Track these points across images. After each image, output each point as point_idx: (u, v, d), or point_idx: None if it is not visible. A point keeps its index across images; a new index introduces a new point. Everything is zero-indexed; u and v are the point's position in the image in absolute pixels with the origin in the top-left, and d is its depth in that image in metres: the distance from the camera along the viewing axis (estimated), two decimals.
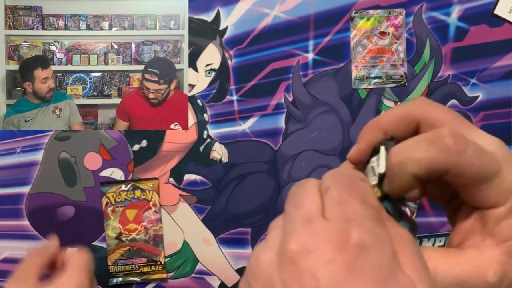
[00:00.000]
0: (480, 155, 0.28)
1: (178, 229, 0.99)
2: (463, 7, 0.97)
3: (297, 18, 0.98)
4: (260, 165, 0.99)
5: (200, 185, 0.99)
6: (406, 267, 0.25)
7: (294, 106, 0.99)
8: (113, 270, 0.98)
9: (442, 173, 0.28)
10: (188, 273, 0.99)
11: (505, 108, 0.99)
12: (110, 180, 0.99)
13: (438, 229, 0.97)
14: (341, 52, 0.98)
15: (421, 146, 0.28)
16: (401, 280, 0.24)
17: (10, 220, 0.99)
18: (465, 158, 0.28)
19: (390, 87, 0.98)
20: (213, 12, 0.98)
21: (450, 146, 0.28)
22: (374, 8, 0.98)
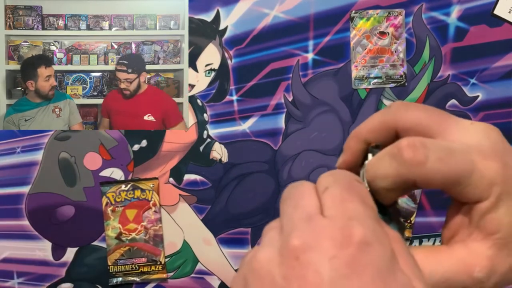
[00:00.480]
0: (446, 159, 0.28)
1: (178, 229, 0.99)
2: (463, 7, 0.97)
3: (297, 18, 0.98)
4: (260, 165, 0.99)
5: (200, 185, 0.99)
6: (403, 266, 0.25)
7: (294, 106, 0.99)
8: (113, 270, 0.98)
9: (410, 184, 0.29)
10: (188, 273, 0.99)
11: (505, 108, 0.99)
12: (110, 180, 0.99)
13: (438, 229, 0.97)
14: (341, 52, 0.98)
15: (385, 162, 0.29)
16: (399, 278, 0.24)
17: (10, 220, 0.99)
18: (427, 167, 0.28)
19: (389, 87, 0.98)
20: (213, 12, 0.98)
21: (408, 158, 0.28)
22: (374, 8, 0.98)
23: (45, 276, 0.99)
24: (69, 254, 0.99)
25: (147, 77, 1.05)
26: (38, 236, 0.99)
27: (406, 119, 0.31)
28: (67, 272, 0.99)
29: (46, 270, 0.99)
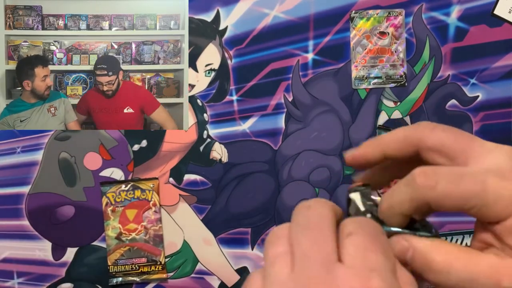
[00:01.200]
0: (456, 182, 0.30)
1: (178, 229, 0.99)
2: (463, 7, 0.97)
3: (297, 18, 0.98)
4: (260, 165, 0.99)
5: (200, 185, 0.99)
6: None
7: (294, 106, 0.99)
8: (113, 270, 0.98)
9: (425, 208, 0.31)
10: (188, 273, 0.99)
11: (505, 108, 0.99)
12: (110, 180, 0.99)
13: (438, 229, 0.97)
14: (341, 52, 0.98)
15: (400, 189, 0.31)
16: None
17: (10, 220, 0.99)
18: (438, 190, 0.30)
19: (389, 87, 0.99)
20: (213, 12, 0.98)
21: (420, 183, 0.30)
22: (374, 8, 0.98)
23: (45, 276, 0.99)
24: (69, 254, 0.99)
25: (124, 75, 1.09)
26: (38, 236, 0.99)
27: (430, 139, 0.32)
28: (67, 272, 0.99)
29: (46, 270, 0.99)
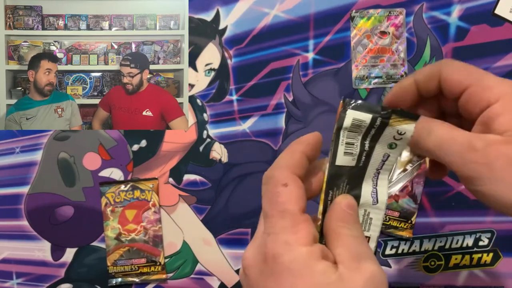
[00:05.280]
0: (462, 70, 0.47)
1: (177, 230, 0.99)
2: (464, 6, 0.97)
3: (297, 17, 0.97)
4: (260, 165, 0.99)
5: (199, 185, 0.99)
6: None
7: (294, 106, 0.98)
8: (112, 270, 0.98)
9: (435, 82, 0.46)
10: (187, 274, 0.99)
11: None
12: (109, 180, 0.98)
13: (438, 229, 0.97)
14: (341, 52, 0.98)
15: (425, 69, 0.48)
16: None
17: (9, 220, 0.99)
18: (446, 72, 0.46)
19: (390, 87, 0.98)
20: (213, 12, 0.98)
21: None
22: (374, 8, 0.97)
23: (44, 277, 0.99)
24: (68, 254, 0.99)
25: (148, 76, 1.07)
26: (37, 236, 0.99)
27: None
28: (66, 272, 0.99)
29: (45, 271, 0.99)
